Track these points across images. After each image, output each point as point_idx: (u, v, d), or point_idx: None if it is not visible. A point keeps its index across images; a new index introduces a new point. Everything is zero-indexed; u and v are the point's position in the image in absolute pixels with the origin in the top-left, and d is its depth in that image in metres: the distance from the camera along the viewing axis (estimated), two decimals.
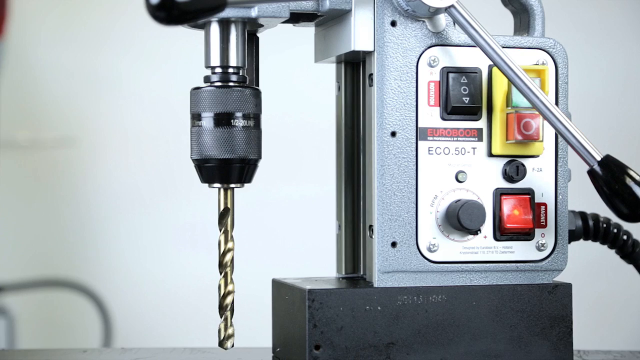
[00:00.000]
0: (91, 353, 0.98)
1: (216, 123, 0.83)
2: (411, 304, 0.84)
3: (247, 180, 0.85)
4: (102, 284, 2.20)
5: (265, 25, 0.86)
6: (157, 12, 0.68)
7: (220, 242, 0.84)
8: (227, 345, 0.84)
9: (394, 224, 0.84)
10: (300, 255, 2.11)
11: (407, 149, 0.84)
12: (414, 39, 0.84)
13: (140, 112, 2.26)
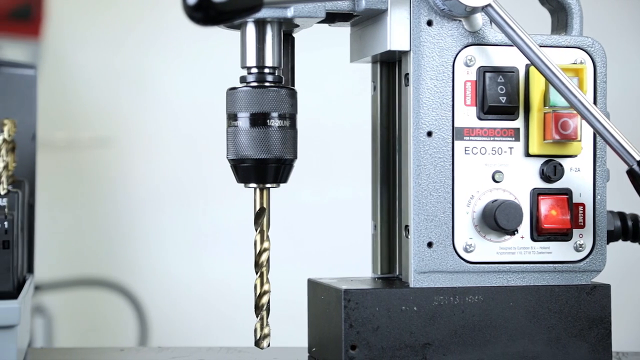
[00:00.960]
0: (128, 352, 0.99)
1: (252, 123, 0.83)
2: (447, 304, 0.83)
3: (282, 180, 0.85)
4: (138, 283, 2.21)
5: (301, 25, 0.86)
6: (194, 12, 0.68)
7: (256, 242, 0.84)
8: (263, 345, 0.84)
9: (430, 224, 0.84)
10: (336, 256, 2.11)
11: (443, 148, 0.84)
12: (450, 38, 0.84)
13: (176, 112, 2.28)
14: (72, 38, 2.28)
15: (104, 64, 2.28)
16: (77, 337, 2.24)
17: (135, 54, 2.28)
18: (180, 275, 2.26)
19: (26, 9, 2.12)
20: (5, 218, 0.86)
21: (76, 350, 0.99)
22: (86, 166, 2.29)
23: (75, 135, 2.27)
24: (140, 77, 2.29)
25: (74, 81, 2.29)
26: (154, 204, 2.27)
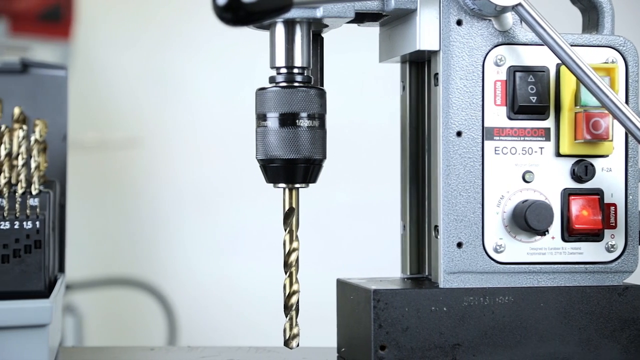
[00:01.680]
0: (158, 351, 0.99)
1: (281, 123, 0.83)
2: (477, 305, 0.83)
3: (312, 181, 0.85)
4: (167, 283, 2.22)
5: (330, 25, 0.86)
6: (223, 13, 0.69)
7: (285, 242, 0.84)
8: (293, 345, 0.85)
9: (460, 224, 0.84)
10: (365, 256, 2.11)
11: (473, 148, 0.84)
12: (480, 38, 0.84)
13: (205, 112, 2.28)
14: (101, 39, 2.30)
15: (134, 65, 2.29)
16: (107, 336, 2.25)
17: (164, 55, 2.29)
18: (209, 274, 2.27)
19: (56, 10, 2.13)
20: (37, 218, 0.87)
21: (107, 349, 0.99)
22: (115, 166, 2.31)
23: (105, 136, 2.29)
24: (170, 78, 2.30)
25: (103, 82, 2.30)
26: (182, 203, 2.28)
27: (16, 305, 0.78)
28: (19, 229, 0.86)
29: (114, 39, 2.30)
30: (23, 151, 0.89)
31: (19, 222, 0.86)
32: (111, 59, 2.30)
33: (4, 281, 0.85)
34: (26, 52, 2.01)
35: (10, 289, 0.85)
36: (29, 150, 0.90)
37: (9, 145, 0.90)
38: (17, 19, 2.07)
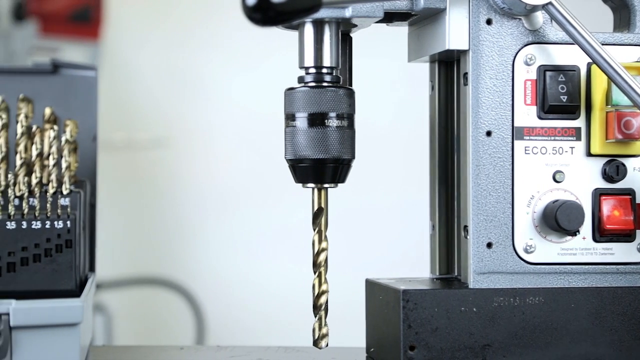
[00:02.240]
0: (187, 350, 1.00)
1: (310, 123, 0.83)
2: (507, 305, 0.82)
3: (340, 180, 0.85)
4: (195, 282, 2.23)
5: (358, 25, 0.86)
6: (253, 13, 0.69)
7: (314, 242, 0.84)
8: (322, 345, 0.84)
9: (490, 224, 0.83)
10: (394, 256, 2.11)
11: (502, 148, 0.83)
12: (510, 37, 0.83)
13: (233, 112, 2.29)
14: (130, 40, 2.31)
15: (162, 65, 2.30)
16: (135, 335, 2.26)
17: (192, 55, 2.30)
18: (237, 274, 2.28)
19: (85, 11, 2.15)
20: (68, 217, 0.88)
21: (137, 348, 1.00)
22: (143, 166, 2.32)
23: (134, 136, 2.30)
24: (198, 78, 2.31)
25: (131, 82, 2.32)
26: (211, 203, 2.29)
27: (48, 305, 0.78)
28: (50, 229, 0.87)
29: (141, 40, 2.31)
30: (54, 151, 0.90)
31: (50, 222, 0.87)
32: (139, 59, 2.31)
33: (36, 280, 0.86)
34: (56, 53, 2.02)
35: (41, 288, 0.86)
36: (59, 151, 0.91)
37: (40, 145, 0.90)
38: (48, 20, 2.09)
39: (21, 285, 0.86)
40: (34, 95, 0.97)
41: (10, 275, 0.86)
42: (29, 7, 2.07)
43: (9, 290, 0.85)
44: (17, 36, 2.03)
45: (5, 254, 0.86)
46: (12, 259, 0.86)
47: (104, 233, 1.24)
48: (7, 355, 0.77)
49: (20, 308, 0.77)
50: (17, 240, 0.86)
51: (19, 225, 0.87)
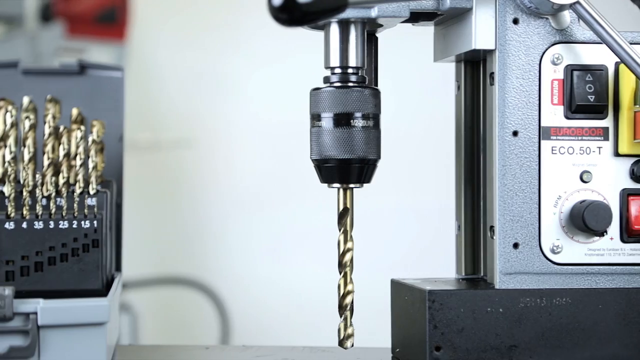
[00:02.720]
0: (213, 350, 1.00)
1: (336, 123, 0.83)
2: (534, 306, 0.82)
3: (366, 181, 0.85)
4: (220, 282, 2.24)
5: (384, 25, 0.86)
6: (279, 13, 0.69)
7: (339, 242, 0.84)
8: (347, 345, 0.84)
9: (516, 224, 0.83)
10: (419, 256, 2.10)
11: (529, 148, 0.83)
12: (536, 36, 0.83)
13: (258, 113, 2.30)
14: (155, 41, 2.32)
15: (186, 66, 2.31)
16: (160, 335, 2.27)
17: (218, 56, 2.30)
18: (262, 274, 2.28)
19: (112, 12, 2.16)
20: (95, 217, 0.88)
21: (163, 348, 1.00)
22: (169, 167, 2.33)
23: (159, 136, 2.31)
24: (223, 79, 2.31)
25: (156, 83, 2.33)
26: (236, 203, 2.30)
27: (75, 304, 0.79)
28: (77, 228, 0.88)
29: (166, 41, 2.32)
30: (81, 151, 0.90)
31: (77, 222, 0.88)
32: (164, 60, 2.32)
33: (63, 280, 0.87)
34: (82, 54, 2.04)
35: (68, 288, 0.87)
36: (86, 151, 0.91)
37: (67, 145, 0.91)
38: (74, 21, 2.10)
39: (48, 284, 0.86)
40: (61, 95, 0.98)
41: (38, 275, 0.87)
42: (56, 9, 2.09)
43: (37, 289, 0.86)
44: (44, 37, 2.05)
45: (33, 253, 0.87)
46: (39, 259, 0.87)
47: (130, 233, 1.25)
48: (35, 354, 0.78)
49: (47, 307, 0.78)
50: (44, 240, 0.87)
51: (46, 225, 0.87)
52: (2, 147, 0.89)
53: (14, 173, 0.88)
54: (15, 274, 0.86)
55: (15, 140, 0.90)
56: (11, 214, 0.87)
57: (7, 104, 0.92)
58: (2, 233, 0.86)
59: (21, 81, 1.02)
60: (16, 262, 0.87)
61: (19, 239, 0.87)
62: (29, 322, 0.77)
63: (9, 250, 0.86)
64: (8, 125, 0.91)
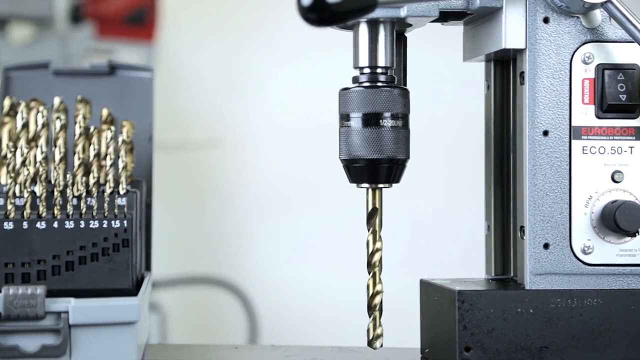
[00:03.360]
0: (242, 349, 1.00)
1: (365, 123, 0.83)
2: (565, 307, 0.81)
3: (395, 181, 0.85)
4: (248, 282, 2.24)
5: (413, 24, 0.86)
6: (308, 13, 0.69)
7: (368, 242, 0.84)
8: (376, 345, 0.84)
9: (547, 225, 0.82)
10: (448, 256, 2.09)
11: (560, 148, 0.82)
12: (567, 35, 0.82)
13: (286, 113, 2.30)
14: (183, 41, 2.33)
15: (214, 66, 2.32)
16: (189, 334, 2.28)
17: (246, 56, 2.31)
18: (290, 274, 2.28)
19: (140, 13, 2.17)
20: (125, 217, 0.89)
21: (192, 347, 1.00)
22: (198, 167, 2.34)
23: (187, 137, 2.32)
24: (251, 79, 2.32)
25: (185, 83, 2.34)
26: (264, 203, 2.30)
27: (106, 303, 0.79)
28: (107, 228, 0.88)
29: (194, 41, 2.33)
30: (111, 152, 0.91)
31: (107, 221, 0.88)
32: (192, 60, 2.33)
33: (93, 279, 0.87)
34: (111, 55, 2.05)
35: (99, 287, 0.87)
36: (116, 151, 0.92)
37: (97, 145, 0.91)
38: (104, 22, 2.11)
39: (79, 283, 0.87)
40: (91, 96, 0.98)
41: (69, 274, 0.87)
42: (86, 10, 2.10)
43: (68, 288, 0.86)
44: (74, 38, 2.06)
45: (64, 253, 0.87)
46: (70, 258, 0.88)
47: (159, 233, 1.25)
48: (66, 352, 0.78)
49: (79, 306, 0.78)
50: (75, 240, 0.88)
51: (77, 224, 0.88)
52: (33, 147, 0.90)
53: (45, 173, 0.89)
54: (47, 273, 0.87)
55: (47, 140, 0.91)
56: (43, 214, 0.88)
57: (38, 104, 0.93)
58: (33, 232, 0.87)
59: (52, 82, 1.03)
60: (47, 261, 0.87)
61: (51, 238, 0.87)
62: (61, 321, 0.78)
63: (41, 249, 0.87)
64: (39, 125, 0.91)
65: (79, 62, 2.02)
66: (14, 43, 2.08)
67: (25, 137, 0.91)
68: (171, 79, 2.30)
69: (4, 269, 0.87)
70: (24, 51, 2.01)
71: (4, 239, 0.87)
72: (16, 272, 0.87)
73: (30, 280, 0.87)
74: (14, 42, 2.09)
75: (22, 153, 0.89)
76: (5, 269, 0.87)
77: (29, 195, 0.88)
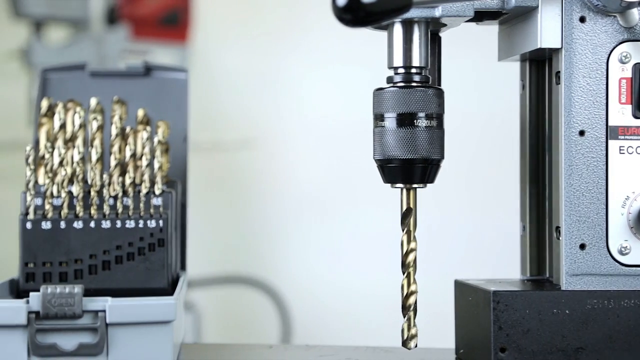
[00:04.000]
0: (276, 349, 1.00)
1: (399, 123, 0.83)
2: (601, 308, 0.81)
3: (429, 181, 0.84)
4: (282, 282, 2.25)
5: (448, 24, 0.86)
6: (343, 14, 0.69)
7: (402, 242, 0.84)
8: (411, 345, 0.84)
9: (583, 225, 0.82)
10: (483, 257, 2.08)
11: (596, 148, 0.82)
12: (604, 34, 0.82)
13: (319, 113, 2.30)
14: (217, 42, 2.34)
15: (248, 67, 2.33)
16: (222, 333, 2.29)
17: (279, 56, 2.31)
18: (323, 274, 2.28)
19: (175, 14, 2.19)
20: (160, 217, 0.89)
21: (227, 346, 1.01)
22: (231, 167, 2.34)
23: (221, 137, 2.33)
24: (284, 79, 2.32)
25: (218, 84, 2.35)
26: (296, 204, 2.30)
27: (142, 302, 0.80)
28: (143, 228, 0.89)
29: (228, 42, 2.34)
30: (147, 152, 0.92)
31: (143, 221, 0.89)
32: (225, 61, 2.34)
33: (129, 278, 0.88)
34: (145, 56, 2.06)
35: (134, 286, 0.88)
36: (152, 151, 0.92)
37: (133, 146, 0.92)
38: (139, 23, 2.13)
39: (116, 283, 0.88)
40: (127, 97, 0.99)
41: (106, 274, 0.88)
42: (121, 11, 2.12)
43: (104, 287, 0.87)
44: (110, 40, 2.08)
45: (101, 252, 0.88)
46: (107, 257, 0.88)
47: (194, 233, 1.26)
48: (103, 351, 0.79)
49: (116, 305, 0.79)
50: (111, 239, 0.89)
51: (113, 224, 0.89)
52: (70, 147, 0.91)
53: (82, 173, 0.90)
54: (84, 272, 0.88)
55: (84, 141, 0.92)
56: (79, 214, 0.89)
57: (75, 105, 0.94)
58: (71, 232, 0.88)
59: (89, 83, 1.04)
60: (84, 260, 0.88)
61: (87, 238, 0.88)
62: (98, 319, 0.79)
63: (78, 249, 0.88)
64: (76, 126, 0.92)
65: (114, 63, 2.04)
66: (51, 45, 2.10)
67: (63, 137, 0.92)
68: (204, 80, 2.31)
69: (42, 268, 0.88)
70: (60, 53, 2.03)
71: (42, 238, 0.88)
72: (54, 271, 0.88)
73: (68, 280, 0.88)
74: (51, 44, 2.11)
75: (59, 153, 0.90)
76: (43, 268, 0.88)
77: (66, 196, 0.89)
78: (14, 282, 0.89)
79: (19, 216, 0.89)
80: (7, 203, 1.53)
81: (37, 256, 0.88)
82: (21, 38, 2.13)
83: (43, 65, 1.07)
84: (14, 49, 2.10)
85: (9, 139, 2.18)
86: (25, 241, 0.88)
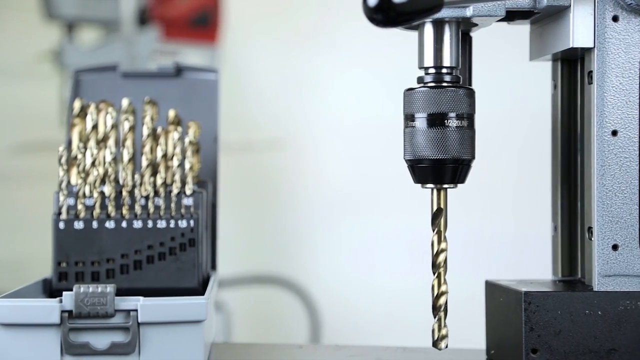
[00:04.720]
0: (306, 349, 1.01)
1: (430, 123, 0.82)
2: (634, 309, 0.80)
3: (460, 181, 0.84)
4: (311, 282, 2.25)
5: (479, 24, 0.85)
6: (374, 14, 0.69)
7: (433, 243, 0.84)
8: (441, 346, 0.84)
9: (615, 225, 0.81)
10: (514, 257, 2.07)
11: (629, 148, 0.81)
12: (637, 34, 0.81)
13: (347, 113, 2.30)
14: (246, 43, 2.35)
15: (278, 68, 2.33)
16: (252, 333, 2.30)
17: (308, 57, 2.32)
18: (353, 275, 2.28)
19: (205, 15, 2.19)
20: (191, 217, 0.90)
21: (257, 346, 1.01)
22: (261, 167, 2.35)
23: (251, 137, 2.34)
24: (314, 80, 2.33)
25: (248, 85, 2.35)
26: (327, 203, 2.31)
27: (174, 302, 0.80)
28: (174, 228, 0.89)
29: (258, 43, 2.34)
30: (178, 152, 0.92)
31: (174, 221, 0.89)
32: (255, 62, 2.34)
33: (160, 278, 0.89)
34: (176, 57, 2.07)
35: (166, 286, 0.89)
36: (183, 152, 0.93)
37: (164, 146, 0.93)
38: (169, 24, 2.14)
39: (147, 282, 0.89)
40: (158, 97, 1.00)
41: (137, 273, 0.89)
42: (152, 13, 2.13)
43: (136, 287, 0.88)
44: (140, 41, 2.09)
45: (132, 252, 0.89)
46: (138, 257, 0.89)
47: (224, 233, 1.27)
48: (135, 350, 0.79)
49: (147, 305, 0.79)
50: (143, 239, 0.89)
51: (144, 224, 0.89)
52: (103, 148, 0.92)
53: (114, 173, 0.91)
54: (116, 272, 0.89)
55: (115, 141, 0.93)
56: (111, 214, 0.89)
57: (107, 105, 0.94)
58: (102, 232, 0.89)
59: (120, 84, 1.05)
60: (116, 260, 0.89)
61: (119, 237, 0.89)
62: (130, 318, 0.79)
63: (110, 248, 0.89)
64: (108, 126, 0.93)
65: (145, 64, 2.05)
66: (82, 46, 2.12)
67: (95, 138, 0.92)
68: (234, 81, 2.32)
69: (74, 267, 0.89)
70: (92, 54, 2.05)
71: (74, 238, 0.89)
72: (86, 271, 0.89)
73: (100, 279, 0.88)
74: (82, 45, 2.13)
75: (91, 154, 0.91)
76: (75, 267, 0.89)
77: (98, 196, 0.90)
78: (47, 281, 0.90)
79: (52, 216, 0.90)
80: (40, 203, 1.55)
81: (69, 256, 0.89)
82: (53, 39, 2.15)
83: (75, 66, 1.08)
84: (47, 50, 2.13)
85: (41, 139, 2.20)
86: (58, 241, 0.89)
